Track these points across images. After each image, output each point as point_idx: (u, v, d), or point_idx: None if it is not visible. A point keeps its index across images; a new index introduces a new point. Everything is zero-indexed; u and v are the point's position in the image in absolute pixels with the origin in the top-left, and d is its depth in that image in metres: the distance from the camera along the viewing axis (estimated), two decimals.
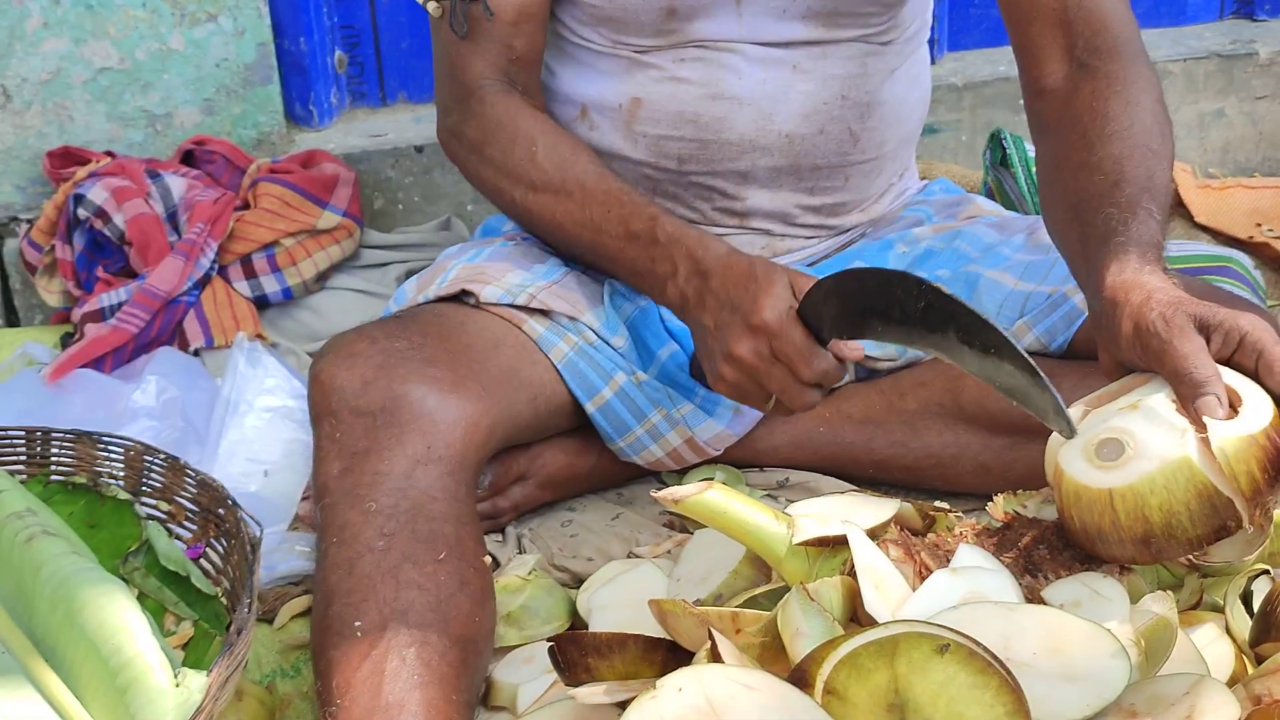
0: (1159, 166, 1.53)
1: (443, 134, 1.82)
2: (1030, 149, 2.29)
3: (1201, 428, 1.22)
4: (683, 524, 1.81)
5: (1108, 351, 1.37)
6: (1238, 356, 1.28)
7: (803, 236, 1.87)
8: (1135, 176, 1.50)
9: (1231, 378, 1.26)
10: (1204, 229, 2.58)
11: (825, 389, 1.54)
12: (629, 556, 1.75)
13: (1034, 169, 2.30)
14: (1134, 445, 1.24)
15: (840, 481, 1.85)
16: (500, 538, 1.81)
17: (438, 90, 1.82)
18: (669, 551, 1.73)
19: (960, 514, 1.45)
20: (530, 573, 1.68)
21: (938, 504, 1.46)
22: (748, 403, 1.58)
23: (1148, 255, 1.39)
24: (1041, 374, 1.28)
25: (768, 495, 1.85)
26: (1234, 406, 1.24)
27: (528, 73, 1.79)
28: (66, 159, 2.33)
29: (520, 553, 1.78)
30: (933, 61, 2.68)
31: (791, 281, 1.51)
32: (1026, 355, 1.28)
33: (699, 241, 1.60)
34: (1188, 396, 1.24)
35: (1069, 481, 1.28)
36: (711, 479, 1.53)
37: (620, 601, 1.56)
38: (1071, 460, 1.28)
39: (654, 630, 1.29)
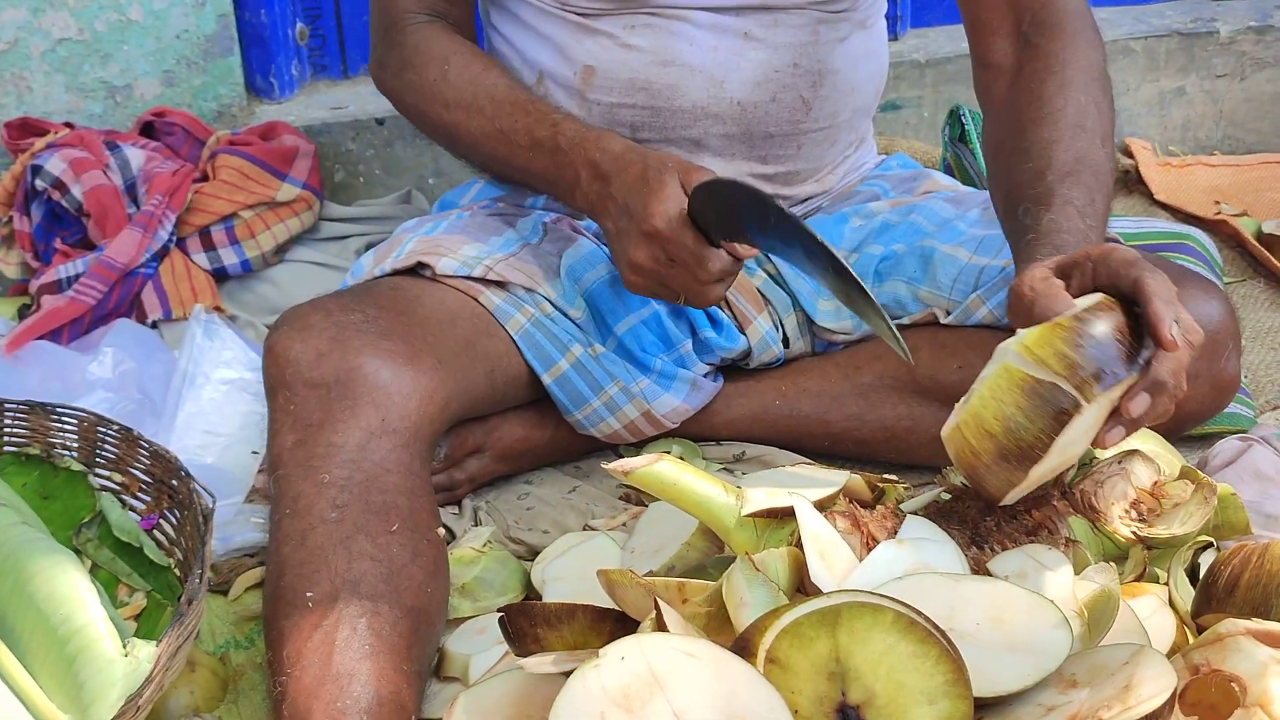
0: (1091, 145, 1.55)
1: (372, 66, 1.86)
2: None
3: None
4: (638, 497, 1.81)
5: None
6: (1103, 281, 1.30)
7: None
8: (1061, 161, 1.52)
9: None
10: (1163, 206, 2.60)
11: (728, 284, 1.61)
12: (584, 529, 1.76)
13: None
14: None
15: (797, 455, 1.86)
16: (457, 510, 1.81)
17: (370, 28, 1.87)
18: (624, 524, 1.74)
19: (909, 486, 1.46)
20: (486, 545, 1.69)
21: (886, 476, 1.47)
22: (662, 295, 1.64)
23: (1055, 249, 1.41)
24: (868, 292, 1.40)
25: (724, 469, 1.86)
26: None
27: (459, 9, 1.83)
28: (25, 130, 2.31)
29: (476, 525, 1.78)
30: (895, 38, 2.70)
31: (682, 180, 1.57)
32: (856, 277, 1.40)
33: (596, 143, 1.64)
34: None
35: (948, 445, 1.30)
36: (668, 452, 1.54)
37: (574, 573, 1.57)
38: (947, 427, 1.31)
39: (606, 601, 1.30)
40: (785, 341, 1.87)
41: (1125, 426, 1.26)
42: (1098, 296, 1.28)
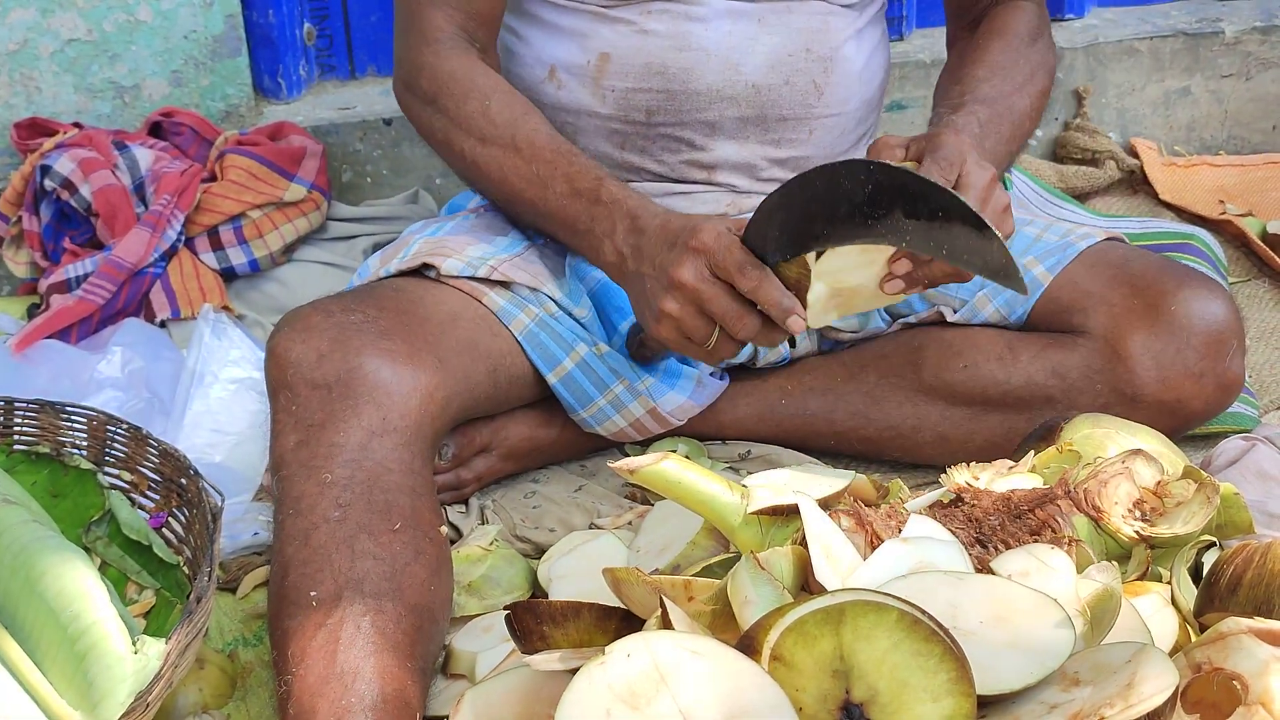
0: (1014, 92, 1.76)
1: (398, 86, 1.83)
2: None
3: None
4: (644, 496, 1.82)
5: None
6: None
7: (768, 193, 1.88)
8: (981, 92, 1.73)
9: None
10: (1168, 206, 2.60)
11: (772, 314, 1.49)
12: (590, 527, 1.76)
13: None
14: None
15: (801, 454, 1.87)
16: (464, 508, 1.82)
17: (396, 42, 1.83)
18: (630, 523, 1.75)
19: (914, 485, 1.47)
20: (492, 543, 1.69)
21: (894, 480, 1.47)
22: (691, 348, 1.56)
23: (951, 125, 1.64)
24: (993, 228, 1.34)
25: (729, 467, 1.86)
26: None
27: (486, 31, 1.81)
28: (34, 130, 2.32)
29: (483, 523, 1.79)
30: (900, 38, 2.70)
31: (729, 225, 1.54)
32: (976, 211, 1.35)
33: (640, 204, 1.62)
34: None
35: None
36: (674, 451, 1.55)
37: (580, 572, 1.58)
38: None
39: (611, 600, 1.31)
40: (791, 341, 1.87)
41: (902, 280, 1.45)
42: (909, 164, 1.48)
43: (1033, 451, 1.51)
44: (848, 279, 1.41)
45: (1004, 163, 1.73)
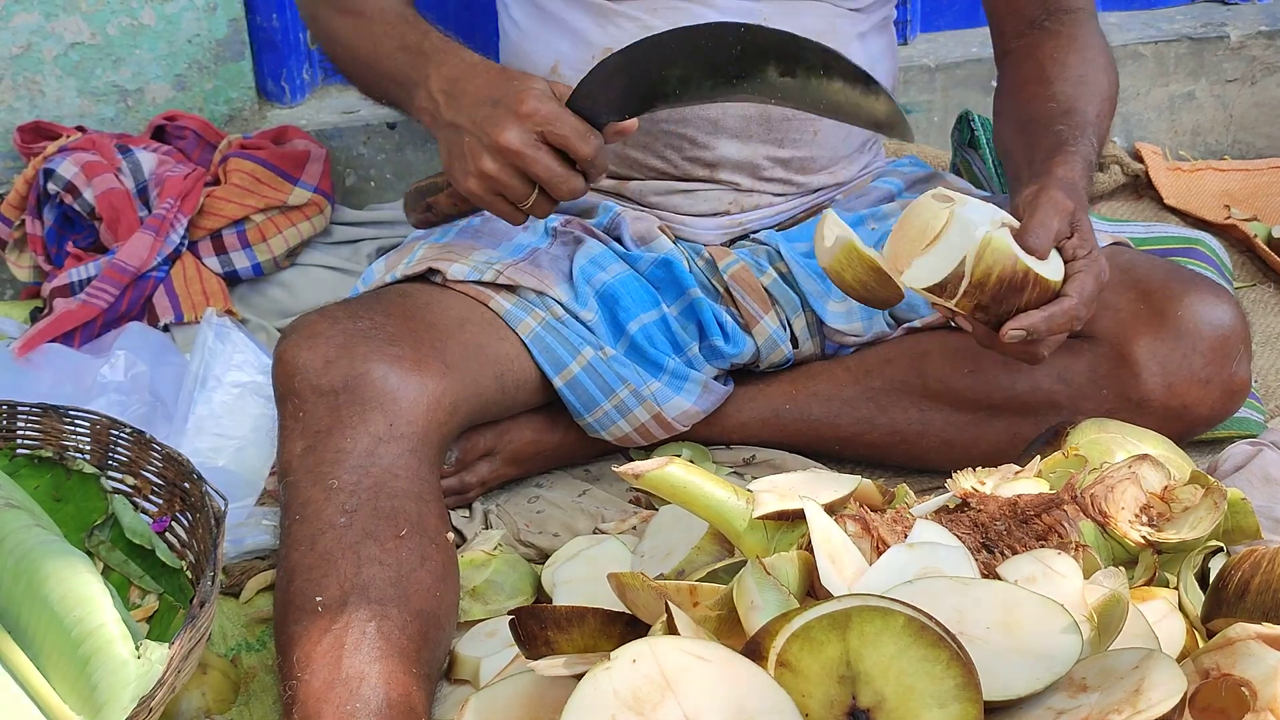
0: (1104, 110, 1.76)
1: None
2: None
3: None
4: (648, 500, 1.82)
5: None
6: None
7: (770, 193, 1.88)
8: (1084, 111, 1.72)
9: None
10: (1173, 211, 2.60)
11: (593, 177, 1.60)
12: (595, 532, 1.76)
13: None
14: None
15: (806, 459, 1.87)
16: (468, 513, 1.81)
17: None
18: (634, 528, 1.74)
19: (918, 490, 1.46)
20: (496, 548, 1.69)
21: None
22: (502, 205, 1.60)
23: (1086, 168, 1.65)
24: (876, 80, 1.47)
25: (734, 472, 1.86)
26: None
27: None
28: (37, 134, 2.32)
29: (487, 528, 1.79)
30: (905, 42, 2.70)
31: (550, 85, 1.58)
32: (857, 65, 1.46)
33: (457, 53, 1.65)
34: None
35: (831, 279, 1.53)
36: (678, 456, 1.54)
37: (584, 577, 1.57)
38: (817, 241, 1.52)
39: (616, 605, 1.30)
40: (794, 342, 1.87)
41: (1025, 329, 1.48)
42: (1058, 278, 1.51)
43: (1039, 456, 1.51)
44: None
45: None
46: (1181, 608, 1.32)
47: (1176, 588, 1.34)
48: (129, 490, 1.62)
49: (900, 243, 1.52)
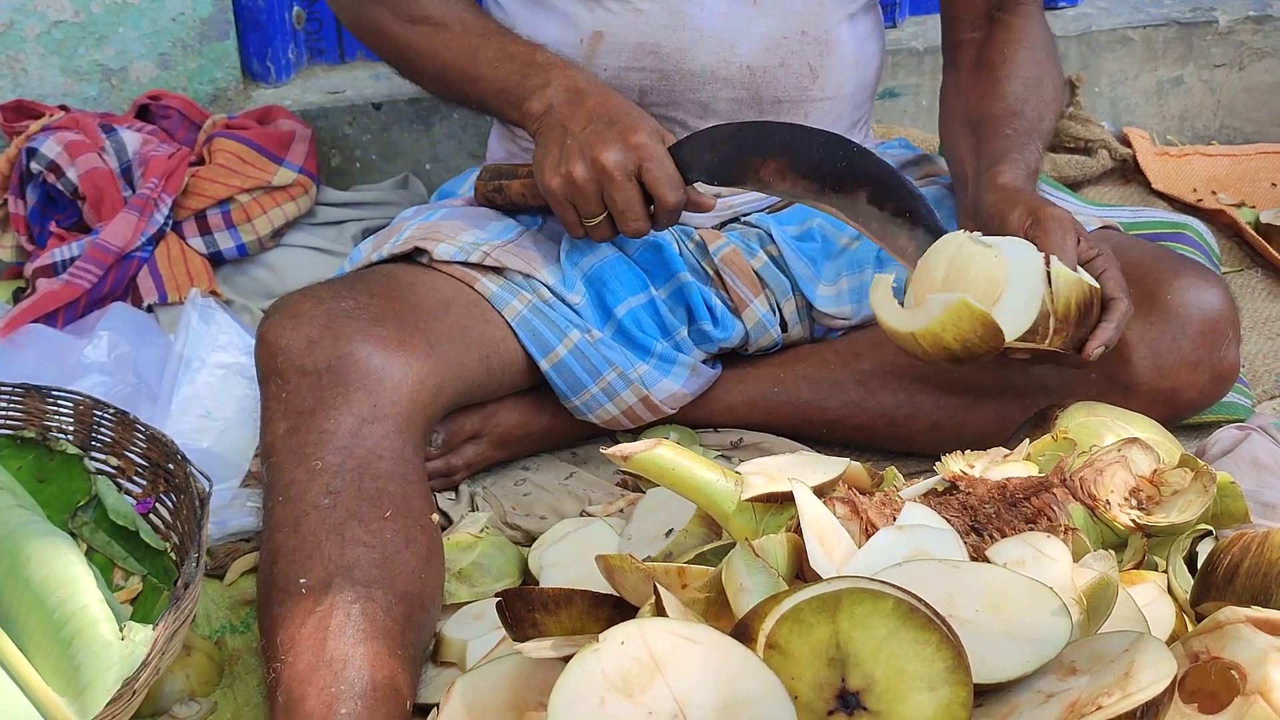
0: (1048, 112, 1.80)
1: None
2: None
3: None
4: (635, 483, 1.81)
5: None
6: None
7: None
8: (1030, 115, 1.76)
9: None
10: (1161, 195, 2.59)
11: (661, 226, 1.67)
12: (582, 515, 1.76)
13: None
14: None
15: (794, 442, 1.86)
16: (454, 495, 1.81)
17: None
18: (621, 510, 1.74)
19: (907, 474, 1.46)
20: (483, 530, 1.68)
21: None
22: (570, 212, 1.66)
23: (1031, 175, 1.70)
24: (939, 232, 1.55)
25: (721, 455, 1.85)
26: None
27: None
28: (20, 113, 2.30)
29: (474, 510, 1.78)
30: (894, 25, 2.69)
31: (660, 129, 1.65)
32: (934, 215, 1.57)
33: (578, 69, 1.69)
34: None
35: (895, 339, 1.54)
36: (666, 438, 1.54)
37: (571, 559, 1.57)
38: (882, 306, 1.55)
39: (603, 587, 1.30)
40: (783, 326, 1.86)
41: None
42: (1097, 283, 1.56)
43: (1028, 439, 1.50)
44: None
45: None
46: (1171, 591, 1.31)
47: (1166, 571, 1.34)
48: (112, 471, 1.61)
49: (923, 286, 1.53)
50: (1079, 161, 2.61)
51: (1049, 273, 1.50)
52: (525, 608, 1.25)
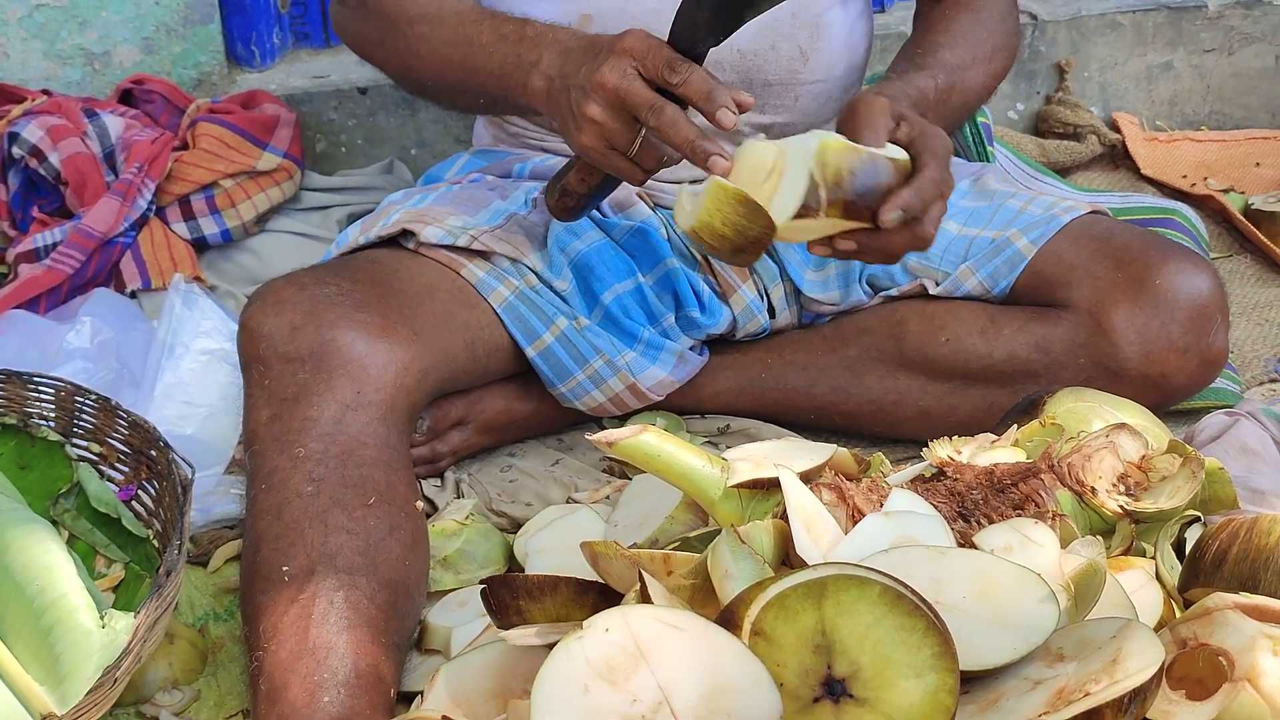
0: (972, 65, 1.75)
1: (333, 8, 1.84)
2: None
3: None
4: (622, 470, 1.80)
5: None
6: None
7: None
8: (944, 59, 1.71)
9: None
10: (1150, 181, 2.59)
11: (695, 103, 1.49)
12: (568, 502, 1.75)
13: (978, 118, 2.32)
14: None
15: (781, 428, 1.85)
16: (439, 482, 1.80)
17: None
18: (607, 497, 1.73)
19: (894, 460, 1.45)
20: (468, 517, 1.68)
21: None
22: (617, 159, 1.53)
23: (922, 92, 1.63)
24: None
25: (708, 442, 1.85)
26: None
27: None
28: (2, 97, 2.28)
29: (459, 497, 1.77)
30: (882, 9, 2.68)
31: (647, 33, 1.52)
32: None
33: (566, 30, 1.60)
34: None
35: (690, 238, 1.48)
36: (653, 425, 1.53)
37: (557, 546, 1.56)
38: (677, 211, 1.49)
39: (588, 574, 1.29)
40: (771, 311, 1.86)
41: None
42: (904, 156, 1.47)
43: (1015, 425, 1.50)
44: (805, 233, 1.47)
45: None
46: (1159, 577, 1.31)
47: (1154, 557, 1.33)
48: (94, 458, 1.60)
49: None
50: (1068, 147, 2.61)
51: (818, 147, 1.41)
52: (510, 595, 1.25)
